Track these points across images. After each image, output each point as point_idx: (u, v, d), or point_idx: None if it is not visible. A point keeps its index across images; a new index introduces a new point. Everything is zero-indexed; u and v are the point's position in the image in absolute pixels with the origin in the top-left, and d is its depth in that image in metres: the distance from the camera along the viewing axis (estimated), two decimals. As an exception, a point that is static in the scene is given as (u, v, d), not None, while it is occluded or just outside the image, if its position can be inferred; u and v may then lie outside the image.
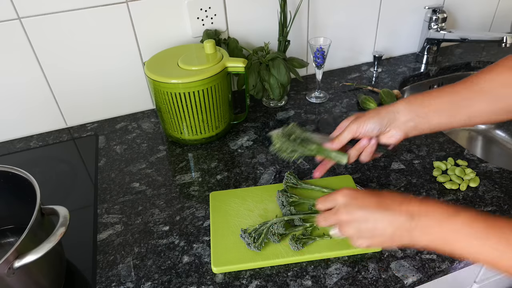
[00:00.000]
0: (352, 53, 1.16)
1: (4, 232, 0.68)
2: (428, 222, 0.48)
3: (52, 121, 0.96)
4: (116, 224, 0.70)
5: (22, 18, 0.81)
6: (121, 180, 0.80)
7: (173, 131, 0.86)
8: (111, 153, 0.88)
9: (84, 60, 0.90)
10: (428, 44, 1.14)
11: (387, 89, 0.98)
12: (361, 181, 0.75)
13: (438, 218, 0.47)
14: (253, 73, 0.92)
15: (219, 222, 0.67)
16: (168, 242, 0.66)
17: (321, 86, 1.07)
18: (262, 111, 0.99)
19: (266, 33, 1.02)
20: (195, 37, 0.96)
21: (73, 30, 0.86)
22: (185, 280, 0.60)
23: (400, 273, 0.59)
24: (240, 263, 0.60)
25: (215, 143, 0.89)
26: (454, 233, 0.46)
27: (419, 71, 1.14)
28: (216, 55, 0.83)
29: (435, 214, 0.48)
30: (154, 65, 0.82)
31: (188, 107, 0.81)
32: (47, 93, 0.92)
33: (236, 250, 0.62)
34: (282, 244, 0.63)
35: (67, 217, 0.53)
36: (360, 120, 0.61)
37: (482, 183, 0.73)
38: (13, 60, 0.85)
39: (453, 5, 1.18)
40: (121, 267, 0.63)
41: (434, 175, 0.76)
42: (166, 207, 0.73)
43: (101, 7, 0.85)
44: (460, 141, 1.17)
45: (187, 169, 0.82)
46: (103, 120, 1.00)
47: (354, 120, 0.62)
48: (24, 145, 0.93)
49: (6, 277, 0.47)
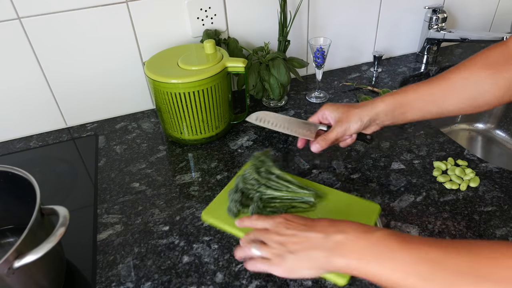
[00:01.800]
0: (352, 53, 1.16)
1: (4, 232, 0.68)
2: (346, 240, 0.46)
3: (52, 121, 0.96)
4: (116, 224, 0.70)
5: (22, 18, 0.81)
6: (121, 180, 0.80)
7: (173, 131, 0.86)
8: (111, 153, 0.88)
9: (84, 59, 0.90)
10: (428, 44, 1.14)
11: (387, 89, 0.98)
12: (361, 181, 0.75)
13: (355, 235, 0.46)
14: (253, 73, 0.92)
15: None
16: (168, 242, 0.66)
17: (321, 86, 1.07)
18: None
19: (266, 33, 1.02)
20: (195, 37, 0.96)
21: (73, 30, 0.86)
22: (185, 280, 0.60)
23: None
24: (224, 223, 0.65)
25: (215, 143, 0.89)
26: (367, 250, 0.44)
27: (419, 71, 1.14)
28: (216, 55, 0.83)
29: (353, 232, 0.47)
30: (154, 65, 0.82)
31: (188, 107, 0.81)
32: (47, 93, 0.92)
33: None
34: None
35: (67, 217, 0.53)
36: (345, 123, 0.69)
37: (482, 183, 0.73)
38: (13, 60, 0.85)
39: (453, 5, 1.18)
40: (121, 267, 0.63)
41: (434, 175, 0.76)
42: (166, 207, 0.73)
43: (101, 7, 0.85)
44: (460, 141, 1.17)
45: (187, 169, 0.82)
46: (103, 120, 1.00)
47: (339, 123, 0.70)
48: (24, 145, 0.93)
49: (5, 277, 0.47)
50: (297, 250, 0.49)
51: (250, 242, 0.54)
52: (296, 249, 0.49)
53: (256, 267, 0.52)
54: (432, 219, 0.67)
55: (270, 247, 0.51)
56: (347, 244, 0.46)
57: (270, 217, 0.56)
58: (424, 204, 0.70)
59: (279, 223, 0.53)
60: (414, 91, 0.66)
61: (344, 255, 0.46)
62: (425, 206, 0.69)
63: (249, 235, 0.56)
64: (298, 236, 0.50)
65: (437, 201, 0.70)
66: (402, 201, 0.71)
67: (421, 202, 0.70)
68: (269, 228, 0.54)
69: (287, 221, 0.53)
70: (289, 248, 0.50)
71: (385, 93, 0.97)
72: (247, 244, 0.54)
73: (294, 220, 0.53)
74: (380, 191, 0.73)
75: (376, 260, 0.43)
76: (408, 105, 0.66)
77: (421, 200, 0.71)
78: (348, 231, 0.47)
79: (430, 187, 0.73)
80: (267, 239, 0.52)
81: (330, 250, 0.46)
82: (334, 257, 0.46)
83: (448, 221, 0.66)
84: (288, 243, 0.50)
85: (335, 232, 0.48)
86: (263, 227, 0.55)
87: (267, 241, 0.52)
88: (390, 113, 0.67)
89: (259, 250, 0.52)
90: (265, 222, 0.55)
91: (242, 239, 0.56)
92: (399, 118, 0.68)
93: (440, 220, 0.66)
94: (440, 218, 0.67)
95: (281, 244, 0.51)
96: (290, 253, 0.49)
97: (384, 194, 0.72)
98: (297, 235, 0.50)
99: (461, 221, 0.66)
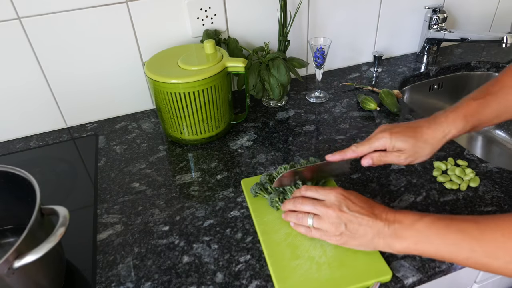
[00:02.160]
0: (352, 53, 1.16)
1: (4, 232, 0.68)
2: (400, 228, 0.53)
3: (52, 121, 0.96)
4: (116, 224, 0.70)
5: (22, 18, 0.81)
6: (121, 180, 0.80)
7: (173, 131, 0.86)
8: (111, 153, 0.88)
9: (84, 59, 0.90)
10: (428, 44, 1.14)
11: (387, 89, 0.98)
12: (361, 181, 0.75)
13: (408, 223, 0.53)
14: (253, 73, 0.92)
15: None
16: (168, 242, 0.66)
17: (321, 86, 1.07)
18: (262, 111, 0.99)
19: (266, 33, 1.02)
20: (195, 37, 0.95)
21: (73, 30, 0.86)
22: (185, 280, 0.60)
23: (400, 273, 0.59)
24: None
25: (215, 143, 0.89)
26: (419, 234, 0.52)
27: (419, 71, 1.14)
28: (216, 55, 0.83)
29: (405, 220, 0.54)
30: (154, 65, 0.82)
31: (188, 107, 0.81)
32: (47, 93, 0.91)
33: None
34: None
35: (67, 217, 0.53)
36: (415, 158, 0.63)
37: (482, 183, 0.73)
38: (13, 60, 0.85)
39: (453, 5, 1.18)
40: (121, 267, 0.63)
41: (434, 175, 0.76)
42: (166, 207, 0.73)
43: (101, 7, 0.85)
44: (460, 141, 1.17)
45: (187, 169, 0.82)
46: (103, 120, 1.00)
47: (409, 158, 0.63)
48: (24, 145, 0.93)
49: (5, 277, 0.47)
50: (357, 231, 0.55)
51: (302, 209, 0.59)
52: (357, 230, 0.55)
53: (310, 234, 0.59)
54: (432, 219, 0.67)
55: (328, 222, 0.56)
56: (403, 231, 0.53)
57: (326, 189, 0.59)
58: (424, 204, 0.70)
59: (340, 200, 0.57)
60: (482, 107, 0.61)
61: (402, 241, 0.53)
62: (425, 206, 0.69)
63: (303, 202, 0.59)
64: (360, 219, 0.55)
65: (437, 201, 0.70)
66: (402, 201, 0.70)
67: (421, 202, 0.70)
68: (325, 200, 0.58)
69: (346, 199, 0.57)
70: (350, 228, 0.55)
71: (385, 93, 0.97)
72: (301, 213, 0.59)
73: (354, 201, 0.57)
74: (380, 191, 0.73)
75: (428, 242, 0.52)
76: (481, 126, 0.63)
77: (421, 200, 0.71)
78: (403, 221, 0.54)
79: (430, 187, 0.73)
80: (324, 213, 0.57)
81: (391, 237, 0.54)
82: (394, 243, 0.54)
83: (448, 221, 0.66)
84: (350, 222, 0.55)
85: (393, 221, 0.54)
86: (316, 197, 0.59)
87: (324, 215, 0.57)
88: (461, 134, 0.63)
89: (316, 223, 0.58)
90: (319, 194, 0.59)
91: (295, 197, 0.62)
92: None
93: (440, 220, 0.66)
94: (440, 218, 0.67)
95: (341, 221, 0.56)
96: (350, 232, 0.56)
97: (384, 194, 0.72)
98: (359, 218, 0.55)
99: (461, 221, 0.66)
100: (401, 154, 0.62)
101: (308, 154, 0.83)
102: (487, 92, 0.63)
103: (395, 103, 0.95)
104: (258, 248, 0.64)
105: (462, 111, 0.61)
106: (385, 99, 0.96)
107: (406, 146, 0.61)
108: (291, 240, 0.63)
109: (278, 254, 0.61)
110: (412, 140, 0.61)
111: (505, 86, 0.62)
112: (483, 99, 0.62)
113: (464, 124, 0.61)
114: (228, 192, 0.75)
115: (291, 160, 0.82)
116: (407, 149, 0.61)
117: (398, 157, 0.63)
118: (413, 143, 0.61)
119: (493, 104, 0.62)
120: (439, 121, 0.62)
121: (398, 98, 0.99)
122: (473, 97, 0.63)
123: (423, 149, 0.62)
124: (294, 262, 0.59)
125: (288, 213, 0.62)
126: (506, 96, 0.61)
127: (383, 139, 0.62)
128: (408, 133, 0.62)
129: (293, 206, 0.61)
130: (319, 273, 0.58)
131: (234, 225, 0.68)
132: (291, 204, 0.61)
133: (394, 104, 0.94)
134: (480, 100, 0.62)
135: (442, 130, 0.61)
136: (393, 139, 0.61)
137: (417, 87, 1.15)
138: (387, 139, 0.62)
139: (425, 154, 0.62)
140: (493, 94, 0.62)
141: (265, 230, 0.65)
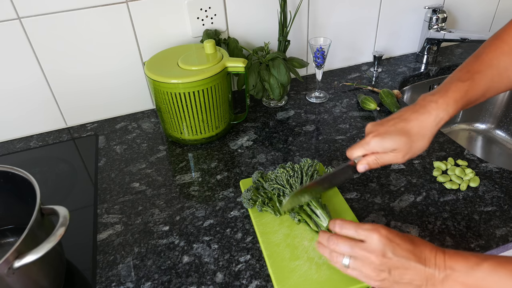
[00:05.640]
0: (352, 53, 1.16)
1: (4, 232, 0.68)
2: (454, 274, 0.48)
3: (52, 121, 0.96)
4: (116, 224, 0.70)
5: (22, 18, 0.81)
6: (121, 180, 0.80)
7: (173, 131, 0.86)
8: (111, 153, 0.88)
9: (84, 59, 0.90)
10: (428, 44, 1.14)
11: (387, 89, 0.98)
12: (361, 181, 0.75)
13: (463, 270, 0.48)
14: (253, 73, 0.92)
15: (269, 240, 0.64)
16: (168, 242, 0.66)
17: (321, 86, 1.07)
18: (262, 111, 0.99)
19: (266, 33, 1.02)
20: (195, 37, 0.96)
21: (73, 30, 0.86)
22: (185, 280, 0.60)
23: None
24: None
25: (215, 143, 0.89)
26: (482, 281, 0.46)
27: (419, 71, 1.14)
28: (216, 55, 0.83)
29: (460, 267, 0.48)
30: (154, 65, 0.82)
31: (188, 107, 0.81)
32: (47, 92, 0.92)
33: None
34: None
35: (67, 217, 0.53)
36: (411, 153, 0.59)
37: (482, 183, 0.73)
38: (13, 60, 0.85)
39: (453, 5, 1.18)
40: (121, 267, 0.63)
41: (434, 175, 0.76)
42: (166, 207, 0.73)
43: (101, 7, 0.85)
44: (460, 141, 1.17)
45: (187, 169, 0.82)
46: (103, 120, 1.00)
47: (407, 155, 0.58)
48: (24, 145, 0.93)
49: (6, 277, 0.47)
50: (402, 278, 0.49)
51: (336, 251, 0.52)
52: (402, 277, 0.49)
53: (346, 272, 0.52)
54: (432, 219, 0.67)
55: (369, 267, 0.50)
56: (454, 280, 0.48)
57: (365, 226, 0.51)
58: (424, 204, 0.70)
59: (385, 243, 0.49)
60: (472, 88, 0.58)
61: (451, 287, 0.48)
62: (425, 206, 0.69)
63: (338, 243, 0.52)
64: (407, 265, 0.49)
65: (437, 201, 0.70)
66: (402, 201, 0.71)
67: (421, 202, 0.70)
68: (366, 242, 0.50)
69: (391, 242, 0.49)
70: (394, 274, 0.49)
71: (385, 93, 0.97)
72: (336, 254, 0.53)
73: (400, 243, 0.50)
74: (380, 191, 0.73)
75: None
76: (467, 107, 0.60)
77: (421, 200, 0.71)
78: (455, 267, 0.48)
79: (430, 187, 0.73)
80: (365, 258, 0.50)
81: (442, 283, 0.48)
82: None
83: (448, 221, 0.66)
84: (395, 269, 0.49)
85: (444, 268, 0.48)
86: (355, 237, 0.52)
87: (365, 260, 0.50)
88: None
89: (354, 264, 0.51)
90: (358, 234, 0.52)
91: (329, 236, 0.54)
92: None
93: (440, 220, 0.66)
94: (440, 218, 0.67)
95: (385, 267, 0.49)
96: (394, 279, 0.49)
97: (384, 194, 0.72)
98: (406, 264, 0.49)
99: (461, 221, 0.66)
100: (397, 153, 0.57)
101: (308, 154, 0.83)
102: (474, 71, 0.59)
103: (395, 103, 0.95)
104: (258, 248, 0.64)
105: (452, 95, 0.57)
106: (385, 99, 0.96)
107: (398, 145, 0.56)
108: (290, 241, 0.63)
109: (277, 255, 0.61)
110: (404, 138, 0.56)
111: (492, 65, 0.59)
112: (471, 80, 0.58)
113: (455, 108, 0.57)
114: (228, 192, 0.75)
115: (291, 160, 0.82)
116: (401, 147, 0.57)
117: (395, 156, 0.58)
118: (405, 141, 0.56)
119: (481, 83, 0.59)
120: (429, 108, 0.57)
121: (398, 98, 0.99)
122: (460, 78, 0.59)
123: (418, 143, 0.57)
124: (293, 263, 0.59)
125: (321, 245, 0.55)
126: (491, 75, 0.59)
127: (372, 143, 0.57)
128: (398, 130, 0.57)
129: (327, 244, 0.54)
130: (319, 274, 0.58)
131: (234, 225, 0.68)
132: (325, 240, 0.54)
133: (394, 104, 0.94)
134: (468, 82, 0.58)
135: (433, 118, 0.57)
136: (382, 141, 0.56)
137: (417, 87, 1.15)
138: (376, 142, 0.57)
139: (422, 146, 0.58)
140: (480, 73, 0.59)
141: (264, 231, 0.65)
